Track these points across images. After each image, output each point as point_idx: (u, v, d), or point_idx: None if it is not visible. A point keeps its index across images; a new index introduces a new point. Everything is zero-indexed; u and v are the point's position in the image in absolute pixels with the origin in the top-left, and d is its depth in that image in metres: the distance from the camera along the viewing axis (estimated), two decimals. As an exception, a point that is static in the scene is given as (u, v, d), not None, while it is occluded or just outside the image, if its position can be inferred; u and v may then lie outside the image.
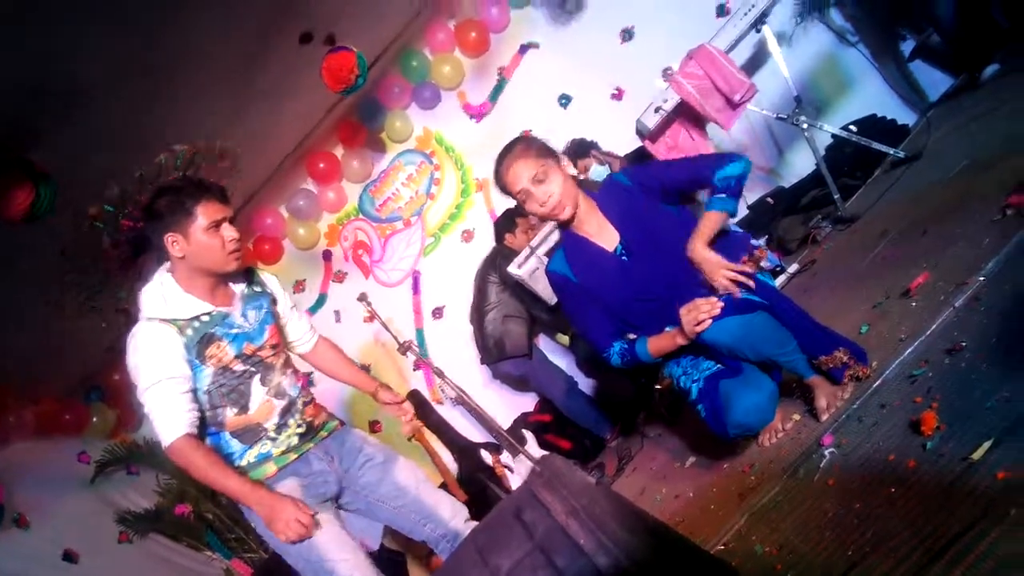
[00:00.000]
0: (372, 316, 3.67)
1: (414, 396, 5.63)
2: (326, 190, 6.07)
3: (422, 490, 2.59)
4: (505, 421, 5.42)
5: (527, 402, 5.51)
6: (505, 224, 4.95)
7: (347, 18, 4.55)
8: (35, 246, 3.46)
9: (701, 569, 1.56)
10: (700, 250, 2.35)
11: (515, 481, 4.66)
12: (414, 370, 5.89)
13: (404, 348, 3.58)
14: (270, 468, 2.37)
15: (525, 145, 2.51)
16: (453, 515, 2.59)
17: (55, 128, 3.26)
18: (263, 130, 4.80)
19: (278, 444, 2.40)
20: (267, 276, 2.68)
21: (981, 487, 1.46)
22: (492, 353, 4.97)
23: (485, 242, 5.22)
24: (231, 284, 2.47)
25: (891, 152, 4.13)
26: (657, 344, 2.47)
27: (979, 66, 4.33)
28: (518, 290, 4.81)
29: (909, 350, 2.20)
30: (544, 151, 2.49)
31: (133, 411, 5.29)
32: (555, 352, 5.32)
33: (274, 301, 2.61)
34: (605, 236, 2.56)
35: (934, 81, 5.02)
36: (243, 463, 2.35)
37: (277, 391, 2.44)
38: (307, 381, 2.70)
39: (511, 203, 2.68)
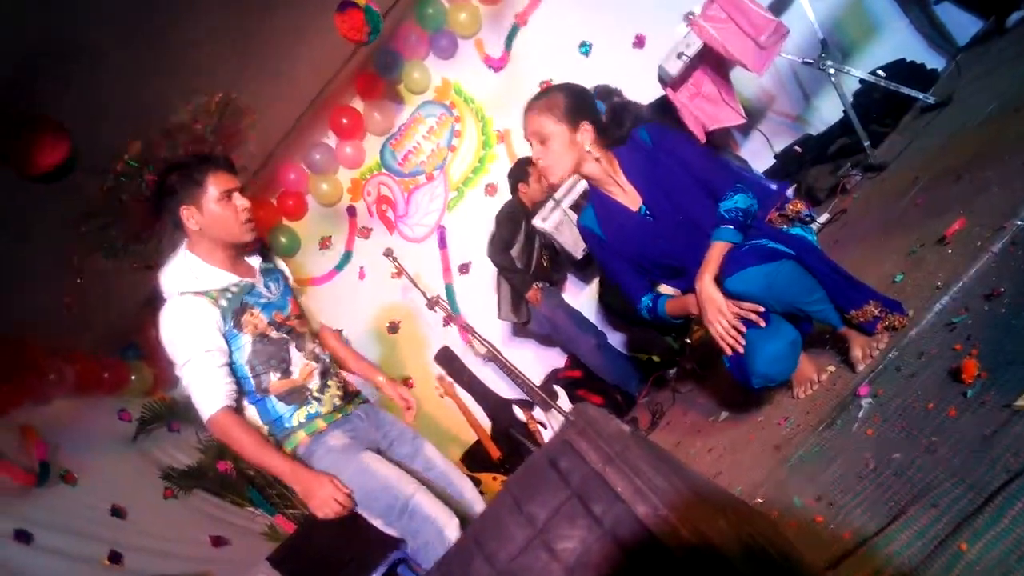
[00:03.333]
0: (400, 272, 3.70)
1: (445, 352, 5.68)
2: (346, 145, 6.05)
3: (450, 468, 2.68)
4: (537, 377, 5.46)
5: (559, 358, 5.54)
6: (518, 173, 4.95)
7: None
8: (60, 204, 3.50)
9: (741, 517, 1.58)
10: (707, 286, 2.28)
11: (548, 437, 4.71)
12: (444, 326, 5.89)
13: (432, 303, 3.61)
14: (320, 424, 2.43)
15: (548, 99, 2.46)
16: (475, 499, 2.66)
17: (67, 89, 3.28)
18: (279, 83, 4.76)
19: (323, 404, 2.47)
20: (273, 256, 2.74)
21: (1024, 435, 1.47)
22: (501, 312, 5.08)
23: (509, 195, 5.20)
24: (248, 259, 2.53)
25: (920, 97, 4.05)
26: (674, 307, 2.52)
27: (1006, 10, 4.23)
28: (524, 249, 4.84)
29: (946, 297, 2.19)
30: (564, 112, 2.43)
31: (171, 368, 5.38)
32: (585, 307, 5.34)
33: (286, 278, 2.68)
34: (628, 196, 2.55)
35: (962, 24, 4.89)
36: (293, 423, 2.41)
37: (314, 356, 2.53)
38: None
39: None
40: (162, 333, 2.29)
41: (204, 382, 2.24)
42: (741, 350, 2.29)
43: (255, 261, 2.55)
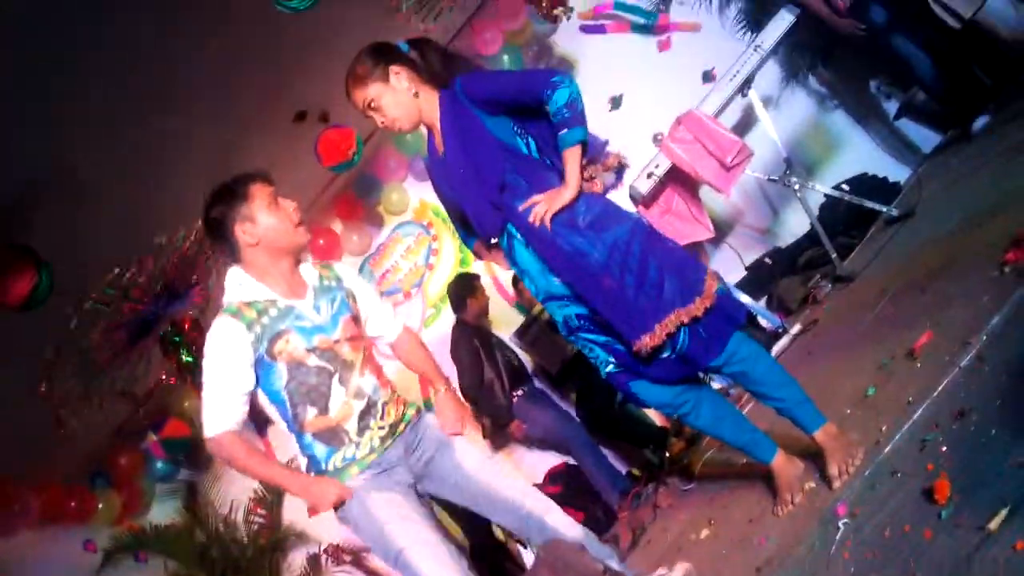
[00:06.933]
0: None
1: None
2: (328, 266, 6.09)
3: (492, 479, 2.52)
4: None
5: (537, 474, 5.43)
6: (462, 289, 5.11)
7: (339, 96, 4.62)
8: (32, 333, 3.47)
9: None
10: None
11: (527, 556, 4.62)
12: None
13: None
14: (353, 471, 2.33)
15: (352, 70, 2.49)
16: (533, 508, 2.48)
17: (50, 218, 3.31)
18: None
19: (361, 448, 2.36)
20: (344, 269, 2.65)
21: (1001, 559, 1.44)
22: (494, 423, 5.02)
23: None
24: (304, 276, 2.46)
25: (884, 210, 4.16)
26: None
27: (969, 120, 4.37)
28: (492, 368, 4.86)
29: (918, 413, 2.18)
30: (371, 69, 2.46)
31: (140, 495, 5.23)
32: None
33: (352, 296, 2.54)
34: (440, 139, 2.56)
35: (925, 136, 5.07)
36: (328, 467, 2.34)
37: (356, 392, 2.36)
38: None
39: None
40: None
41: (214, 404, 2.23)
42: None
43: (312, 277, 2.47)
